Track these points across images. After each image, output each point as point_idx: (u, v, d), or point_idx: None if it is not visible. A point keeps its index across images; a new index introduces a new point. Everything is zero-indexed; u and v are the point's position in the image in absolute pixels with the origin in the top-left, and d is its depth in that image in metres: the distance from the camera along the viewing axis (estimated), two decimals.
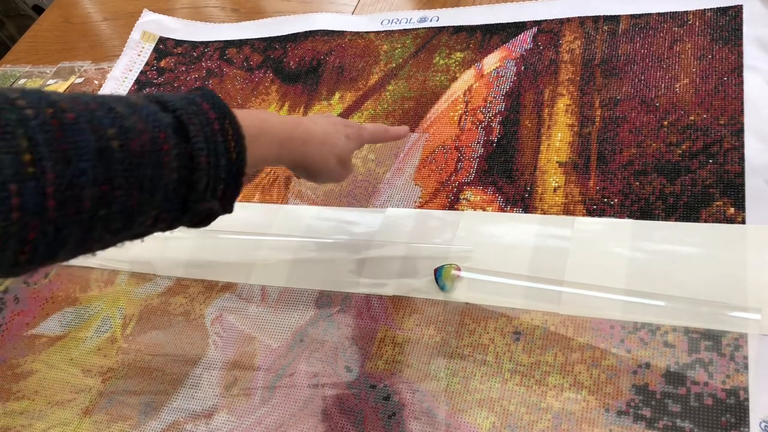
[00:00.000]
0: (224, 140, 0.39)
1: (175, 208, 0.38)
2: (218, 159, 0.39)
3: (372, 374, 0.53)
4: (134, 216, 0.36)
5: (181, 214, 0.39)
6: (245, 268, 0.64)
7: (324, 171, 0.52)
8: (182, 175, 0.37)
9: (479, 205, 0.60)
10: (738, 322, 0.47)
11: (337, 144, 0.53)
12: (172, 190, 0.37)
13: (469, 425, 0.48)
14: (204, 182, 0.38)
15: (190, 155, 0.37)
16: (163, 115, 0.37)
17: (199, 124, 0.38)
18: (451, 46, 0.75)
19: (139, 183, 0.35)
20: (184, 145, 0.37)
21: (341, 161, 0.53)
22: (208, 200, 0.39)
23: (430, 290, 0.56)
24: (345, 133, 0.54)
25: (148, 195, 0.36)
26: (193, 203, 0.38)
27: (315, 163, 0.51)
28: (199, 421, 0.55)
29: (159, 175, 0.36)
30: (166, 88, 0.87)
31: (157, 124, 0.36)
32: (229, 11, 0.98)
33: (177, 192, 0.37)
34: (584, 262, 0.53)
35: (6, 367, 0.64)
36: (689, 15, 0.66)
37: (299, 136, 0.49)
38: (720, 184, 0.54)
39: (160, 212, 0.37)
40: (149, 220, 0.37)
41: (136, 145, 0.35)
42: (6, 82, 0.99)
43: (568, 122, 0.63)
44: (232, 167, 0.40)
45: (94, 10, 1.10)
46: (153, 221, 0.38)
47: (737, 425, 0.43)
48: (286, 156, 0.49)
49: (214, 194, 0.39)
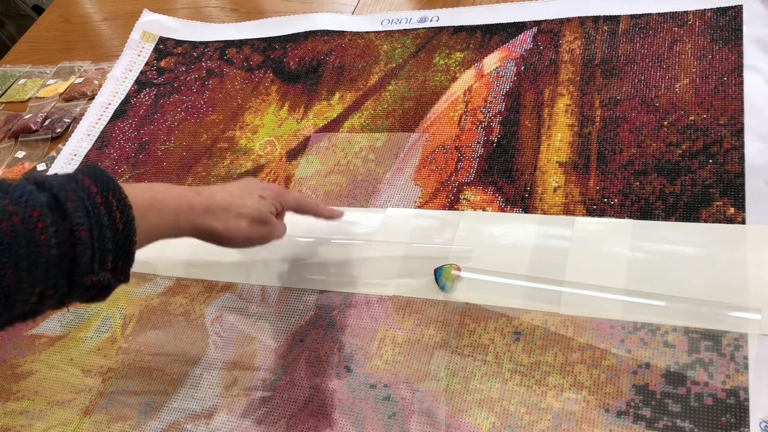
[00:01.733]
0: (107, 211, 0.39)
1: (61, 284, 0.38)
2: (102, 231, 0.39)
3: (372, 374, 0.53)
4: (13, 295, 0.36)
5: (68, 289, 0.39)
6: (245, 268, 0.64)
7: (233, 236, 0.51)
8: (63, 251, 0.37)
9: (479, 205, 0.60)
10: (738, 322, 0.47)
11: (246, 204, 0.52)
12: (54, 265, 0.37)
13: (469, 425, 0.48)
14: (88, 255, 0.38)
15: (69, 230, 0.37)
16: (38, 194, 0.37)
17: (79, 200, 0.38)
18: (451, 46, 0.75)
19: (14, 262, 0.35)
20: (61, 221, 0.37)
21: (257, 221, 0.52)
22: (96, 273, 0.39)
23: (430, 290, 0.56)
24: (259, 193, 0.54)
25: (26, 273, 0.36)
26: (79, 277, 0.38)
27: (220, 230, 0.50)
28: (199, 421, 0.55)
29: (36, 253, 0.36)
30: (166, 88, 0.87)
31: (29, 204, 0.36)
32: (229, 11, 0.98)
33: (60, 267, 0.37)
34: (584, 262, 0.53)
35: (6, 367, 0.64)
36: (689, 15, 0.66)
37: (198, 205, 0.49)
38: (720, 184, 0.54)
39: (44, 288, 0.37)
40: (33, 298, 0.37)
41: (6, 226, 0.35)
42: (6, 82, 0.99)
43: (568, 122, 0.63)
44: (119, 238, 0.40)
45: (94, 10, 1.11)
46: (38, 298, 0.38)
47: (737, 425, 0.43)
48: (184, 224, 0.48)
49: (103, 266, 0.40)
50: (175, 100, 0.85)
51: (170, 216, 0.47)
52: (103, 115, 0.87)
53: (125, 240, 0.41)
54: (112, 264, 0.40)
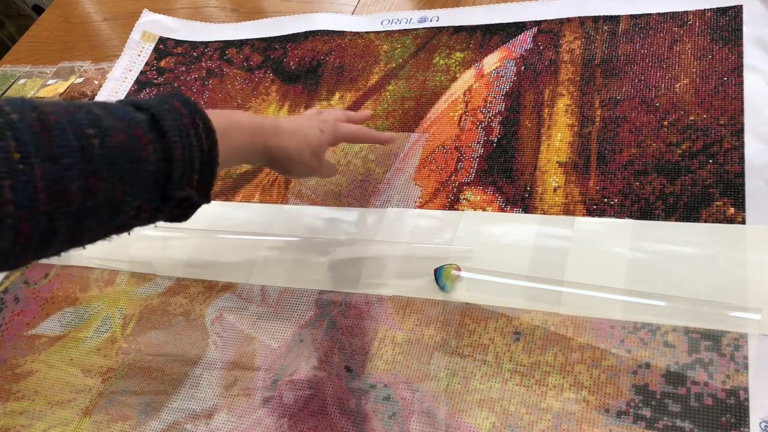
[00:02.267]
0: (195, 133, 0.42)
1: (155, 198, 0.41)
2: (191, 151, 0.42)
3: (372, 374, 0.53)
4: (118, 206, 0.39)
5: (160, 204, 0.42)
6: (245, 268, 0.64)
7: (297, 162, 0.54)
8: (159, 167, 0.40)
9: (479, 205, 0.60)
10: (738, 322, 0.47)
11: (310, 135, 0.55)
12: (151, 181, 0.40)
13: (469, 425, 0.48)
14: (179, 172, 0.41)
15: (165, 148, 0.40)
16: (137, 114, 0.40)
17: (172, 120, 0.41)
18: (451, 46, 0.75)
19: (120, 175, 0.38)
20: (159, 139, 0.40)
21: (314, 154, 0.56)
22: (185, 189, 0.42)
23: (430, 290, 0.56)
24: (319, 127, 0.57)
25: (130, 186, 0.39)
26: (171, 192, 0.41)
27: (288, 152, 0.53)
28: (199, 421, 0.55)
29: (138, 168, 0.39)
30: (166, 88, 0.87)
31: (133, 122, 0.39)
32: (229, 11, 0.98)
33: (156, 183, 0.40)
34: (584, 262, 0.53)
35: (6, 367, 0.64)
36: (689, 15, 0.66)
37: (269, 128, 0.52)
38: (720, 184, 0.54)
39: (141, 203, 0.40)
40: (132, 211, 0.40)
41: (115, 141, 0.38)
42: (6, 82, 0.99)
43: (568, 122, 0.63)
44: (204, 158, 0.43)
45: (94, 10, 1.10)
46: (136, 212, 0.41)
47: (737, 425, 0.43)
48: (258, 145, 0.51)
49: (190, 184, 0.43)
50: None
51: (247, 137, 0.50)
52: None
53: (210, 160, 0.44)
54: (198, 182, 0.43)
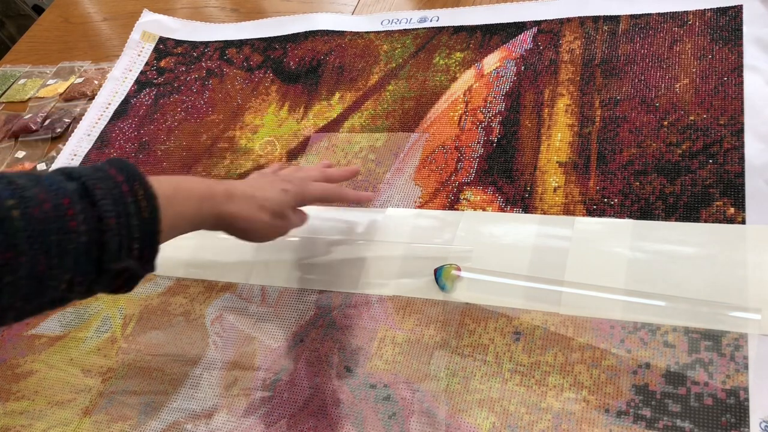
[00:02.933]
0: (134, 200, 0.41)
1: (89, 271, 0.39)
2: (129, 219, 0.40)
3: (372, 374, 0.53)
4: (45, 281, 0.37)
5: (96, 276, 0.40)
6: (245, 268, 0.64)
7: (254, 227, 0.52)
8: (92, 238, 0.38)
9: (479, 205, 0.60)
10: (738, 322, 0.47)
11: (269, 198, 0.53)
12: (83, 252, 0.38)
13: (469, 425, 0.48)
14: (116, 242, 0.39)
15: (98, 218, 0.39)
16: (67, 183, 0.39)
17: (106, 188, 0.40)
18: (451, 46, 0.75)
19: (46, 248, 0.36)
20: (90, 209, 0.38)
21: (275, 216, 0.53)
22: (123, 260, 0.40)
23: (430, 290, 0.56)
24: (281, 187, 0.54)
25: (57, 259, 0.37)
26: (107, 264, 0.39)
27: (240, 219, 0.50)
28: (199, 421, 0.55)
29: (66, 240, 0.37)
30: (166, 88, 0.87)
31: (60, 192, 0.38)
32: (229, 11, 0.98)
33: (88, 254, 0.38)
34: (584, 262, 0.53)
35: (6, 367, 0.64)
36: (689, 15, 0.66)
37: (220, 193, 0.50)
38: (720, 184, 0.54)
39: (73, 276, 0.38)
40: (63, 285, 0.38)
41: (39, 212, 0.36)
42: (6, 82, 0.99)
43: (568, 122, 0.63)
44: (144, 226, 0.41)
45: (94, 10, 1.11)
46: (68, 285, 0.38)
47: (737, 425, 0.43)
48: (207, 212, 0.49)
49: (129, 254, 0.41)
50: (175, 100, 0.85)
51: (194, 203, 0.47)
52: (103, 115, 0.87)
53: (151, 228, 0.42)
54: (138, 252, 0.41)
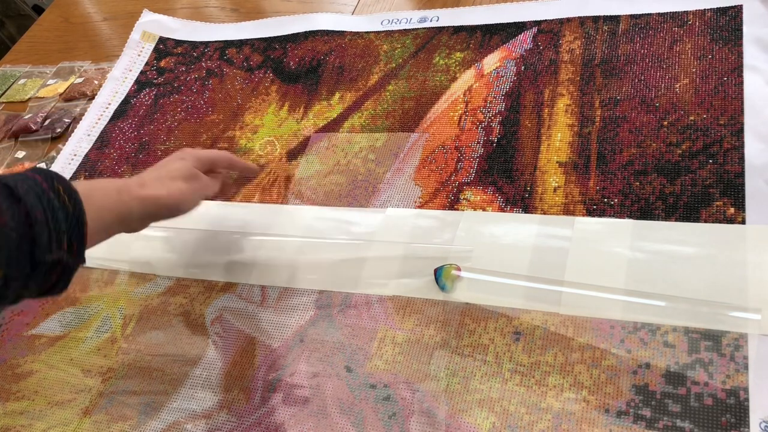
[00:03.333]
0: (56, 195, 0.43)
1: (23, 265, 0.40)
2: (55, 212, 0.42)
3: (372, 374, 0.53)
4: None
5: (31, 271, 0.41)
6: (245, 268, 0.64)
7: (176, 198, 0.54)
8: (22, 232, 0.40)
9: (479, 205, 0.60)
10: (738, 322, 0.47)
11: (174, 167, 0.56)
12: (15, 247, 0.40)
13: (469, 425, 0.48)
14: (46, 235, 0.41)
15: (25, 213, 0.40)
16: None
17: (28, 187, 0.41)
18: (451, 46, 0.75)
19: None
20: (16, 205, 0.40)
21: (188, 177, 0.56)
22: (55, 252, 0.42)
23: (430, 290, 0.56)
24: (179, 157, 0.58)
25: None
26: (40, 256, 0.41)
27: (162, 197, 0.53)
28: (199, 421, 0.55)
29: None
30: (166, 88, 0.87)
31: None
32: (229, 11, 0.98)
33: (20, 249, 0.40)
34: (584, 262, 0.53)
35: (6, 367, 0.64)
36: (689, 15, 0.66)
37: (133, 183, 0.52)
38: (720, 184, 0.54)
39: (8, 271, 0.40)
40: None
41: None
42: (6, 82, 0.99)
43: (568, 122, 0.63)
44: (71, 217, 0.43)
45: (94, 10, 1.11)
46: (3, 282, 0.40)
47: (737, 425, 0.43)
48: (129, 201, 0.50)
49: (60, 246, 0.42)
50: (175, 100, 0.85)
51: (113, 195, 0.50)
52: (103, 115, 0.87)
53: (77, 220, 0.44)
54: (68, 244, 0.43)
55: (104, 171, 0.80)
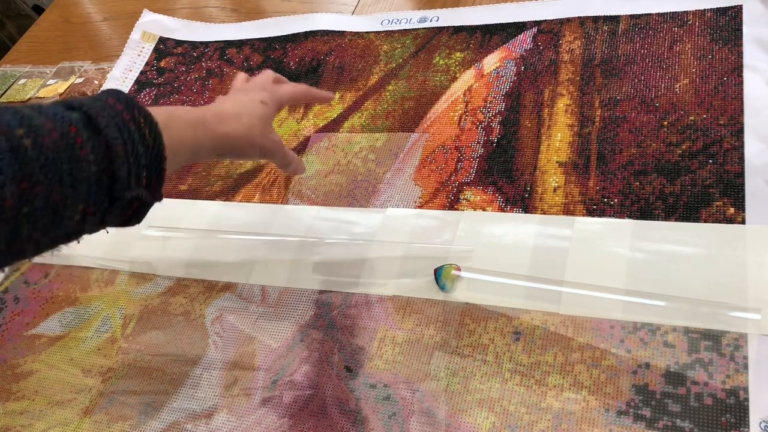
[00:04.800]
0: (137, 128, 0.40)
1: (102, 200, 0.39)
2: (135, 146, 0.40)
3: (372, 374, 0.53)
4: (60, 211, 0.37)
5: (109, 206, 0.40)
6: (245, 268, 0.64)
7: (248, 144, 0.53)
8: (102, 166, 0.38)
9: (479, 205, 0.60)
10: (738, 322, 0.47)
11: (255, 111, 0.54)
12: (95, 181, 0.38)
13: (469, 425, 0.48)
14: (125, 170, 0.39)
15: (106, 145, 0.38)
16: (69, 112, 0.39)
17: (109, 116, 0.39)
18: (451, 46, 0.75)
19: (59, 177, 0.36)
20: (96, 137, 0.38)
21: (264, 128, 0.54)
22: (134, 188, 0.40)
23: (430, 290, 0.56)
24: (260, 98, 0.55)
25: (71, 189, 0.37)
26: (119, 192, 0.39)
27: (237, 138, 0.52)
28: (199, 421, 0.55)
29: (78, 168, 0.37)
30: (167, 88, 0.87)
31: (66, 120, 0.37)
32: (229, 11, 0.98)
33: (100, 183, 0.38)
34: (584, 262, 0.53)
35: (6, 367, 0.64)
36: (689, 15, 0.66)
37: (211, 117, 0.50)
38: (720, 184, 0.54)
39: (86, 205, 0.38)
40: (77, 216, 0.38)
41: (49, 141, 0.36)
42: (6, 82, 0.99)
43: (568, 122, 0.63)
44: (150, 153, 0.41)
45: (94, 10, 1.11)
46: (81, 216, 0.39)
47: (737, 425, 0.43)
48: (203, 137, 0.49)
49: (139, 182, 0.40)
50: (175, 100, 0.85)
51: (189, 129, 0.48)
52: None
53: (157, 155, 0.42)
54: (147, 180, 0.41)
55: None
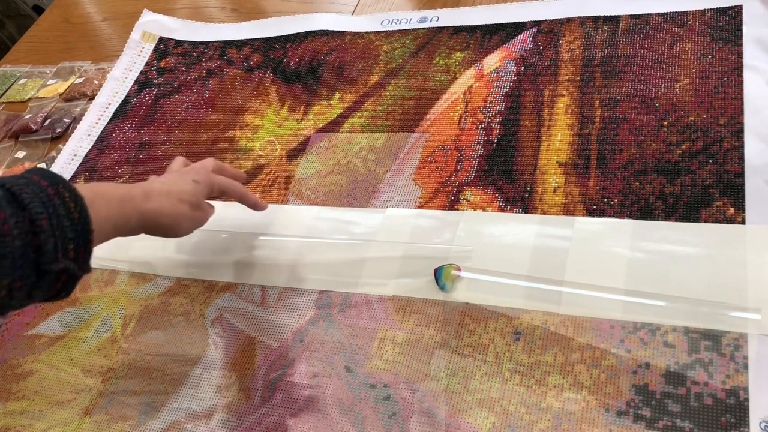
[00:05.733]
0: (62, 202, 0.41)
1: (28, 274, 0.39)
2: (60, 220, 0.40)
3: (372, 374, 0.53)
4: None
5: (36, 280, 0.40)
6: (245, 268, 0.64)
7: (176, 221, 0.54)
8: (26, 240, 0.39)
9: (479, 205, 0.60)
10: (738, 322, 0.47)
11: (185, 190, 0.55)
12: (20, 255, 0.38)
13: (469, 425, 0.48)
14: (51, 243, 0.40)
15: (30, 220, 0.39)
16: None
17: (32, 192, 0.40)
18: (451, 46, 0.75)
19: None
20: (20, 212, 0.39)
21: (193, 207, 0.55)
22: (61, 261, 0.40)
23: (430, 290, 0.56)
24: (192, 178, 0.56)
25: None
26: (46, 265, 0.40)
27: (163, 215, 0.52)
28: (199, 421, 0.55)
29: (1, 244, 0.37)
30: (166, 88, 0.87)
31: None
32: (229, 11, 0.98)
33: (25, 257, 0.39)
34: (584, 262, 0.53)
35: (6, 367, 0.64)
36: (689, 15, 0.66)
37: (138, 194, 0.51)
38: (720, 184, 0.54)
39: (12, 280, 0.38)
40: (2, 291, 0.38)
41: None
42: (6, 82, 0.99)
43: (568, 122, 0.63)
44: (77, 226, 0.42)
45: (94, 10, 1.11)
46: (7, 291, 0.39)
47: (737, 425, 0.43)
48: (130, 213, 0.50)
49: (66, 254, 0.41)
50: (175, 100, 0.85)
51: (115, 205, 0.48)
52: (103, 115, 0.87)
53: (83, 228, 0.42)
54: (74, 252, 0.41)
55: (104, 171, 0.80)
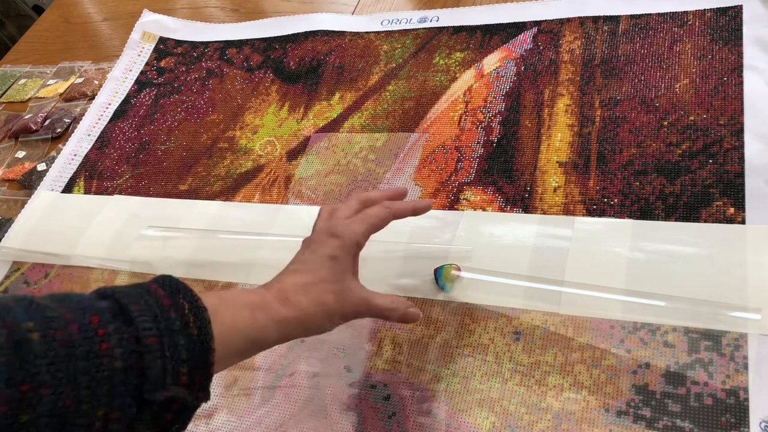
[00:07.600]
0: (179, 316, 0.35)
1: (128, 404, 0.32)
2: (174, 337, 0.34)
3: (372, 374, 0.53)
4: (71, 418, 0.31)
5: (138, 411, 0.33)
6: (245, 268, 0.64)
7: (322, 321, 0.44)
8: (129, 363, 0.32)
9: (479, 205, 0.60)
10: (738, 322, 0.47)
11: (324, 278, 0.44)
12: (119, 381, 0.32)
13: (469, 425, 0.48)
14: (159, 366, 0.33)
15: (135, 338, 0.33)
16: (99, 302, 0.34)
17: (145, 304, 0.34)
18: (451, 46, 0.75)
19: (72, 377, 0.31)
20: (125, 328, 0.33)
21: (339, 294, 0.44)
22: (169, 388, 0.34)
23: (430, 290, 0.56)
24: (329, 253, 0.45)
25: (86, 390, 0.31)
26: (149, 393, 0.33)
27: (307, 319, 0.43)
28: (199, 421, 0.55)
29: (96, 365, 0.31)
30: (167, 88, 0.87)
31: (89, 310, 0.33)
32: (229, 11, 0.98)
33: (126, 383, 0.32)
34: (584, 262, 0.53)
35: None
36: (689, 15, 0.66)
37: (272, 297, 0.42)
38: (720, 184, 0.54)
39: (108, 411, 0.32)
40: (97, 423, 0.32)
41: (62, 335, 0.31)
42: (6, 82, 0.99)
43: (568, 122, 0.63)
44: (193, 345, 0.35)
45: (94, 10, 1.11)
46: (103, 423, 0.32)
47: (737, 425, 0.43)
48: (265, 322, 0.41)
49: (177, 380, 0.34)
50: (175, 100, 0.85)
51: (245, 312, 0.40)
52: (104, 115, 0.87)
53: (201, 347, 0.35)
54: (188, 377, 0.34)
55: (104, 171, 0.80)
